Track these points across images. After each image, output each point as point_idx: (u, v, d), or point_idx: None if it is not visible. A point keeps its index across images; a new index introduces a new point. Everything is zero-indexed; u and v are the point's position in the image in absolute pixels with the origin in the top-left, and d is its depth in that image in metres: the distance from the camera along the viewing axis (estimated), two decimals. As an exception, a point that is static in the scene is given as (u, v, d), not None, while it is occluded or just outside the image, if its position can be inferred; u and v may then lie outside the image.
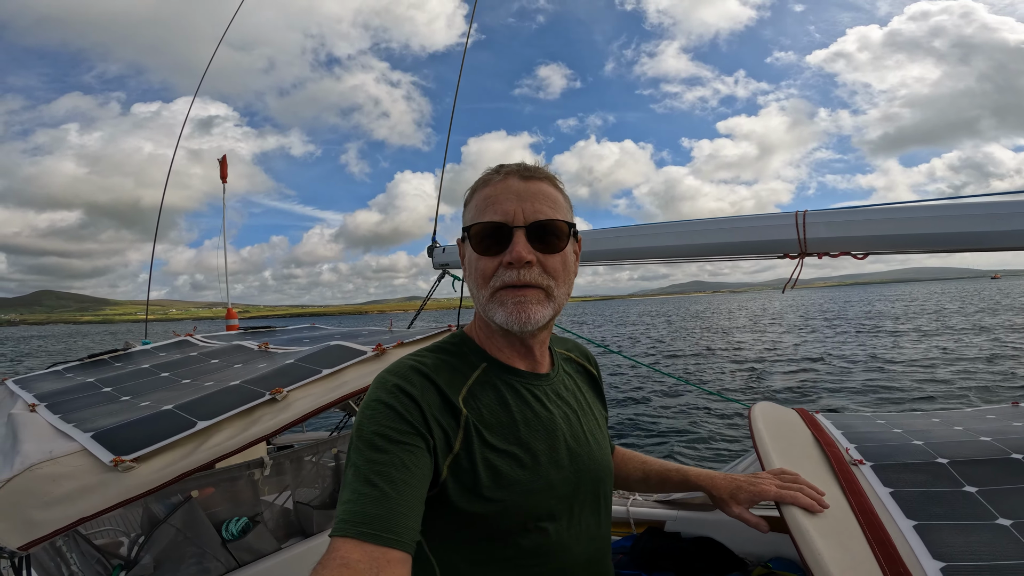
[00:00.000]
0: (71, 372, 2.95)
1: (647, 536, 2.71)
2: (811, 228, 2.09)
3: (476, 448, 0.88)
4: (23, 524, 1.40)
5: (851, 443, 1.56)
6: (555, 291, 0.95)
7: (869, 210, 1.98)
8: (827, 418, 1.84)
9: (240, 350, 2.85)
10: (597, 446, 1.04)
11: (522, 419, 0.94)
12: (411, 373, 0.90)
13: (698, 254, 2.59)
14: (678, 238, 2.60)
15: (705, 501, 2.85)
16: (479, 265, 0.94)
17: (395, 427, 0.82)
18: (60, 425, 1.93)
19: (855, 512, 1.12)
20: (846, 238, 2.01)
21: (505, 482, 0.88)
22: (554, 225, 0.93)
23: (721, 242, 2.45)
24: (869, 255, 1.98)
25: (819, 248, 2.11)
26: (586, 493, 0.99)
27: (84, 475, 1.56)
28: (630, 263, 2.98)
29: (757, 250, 2.36)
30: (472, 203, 0.99)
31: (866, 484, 1.26)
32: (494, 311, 0.93)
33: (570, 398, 1.05)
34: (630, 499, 2.94)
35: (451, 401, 0.90)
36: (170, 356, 3.00)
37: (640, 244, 2.73)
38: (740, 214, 2.51)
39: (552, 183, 0.99)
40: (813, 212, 2.12)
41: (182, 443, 1.69)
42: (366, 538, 0.70)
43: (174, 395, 2.15)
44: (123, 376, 2.64)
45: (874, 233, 1.93)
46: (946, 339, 21.95)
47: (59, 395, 2.38)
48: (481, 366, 0.98)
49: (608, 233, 2.86)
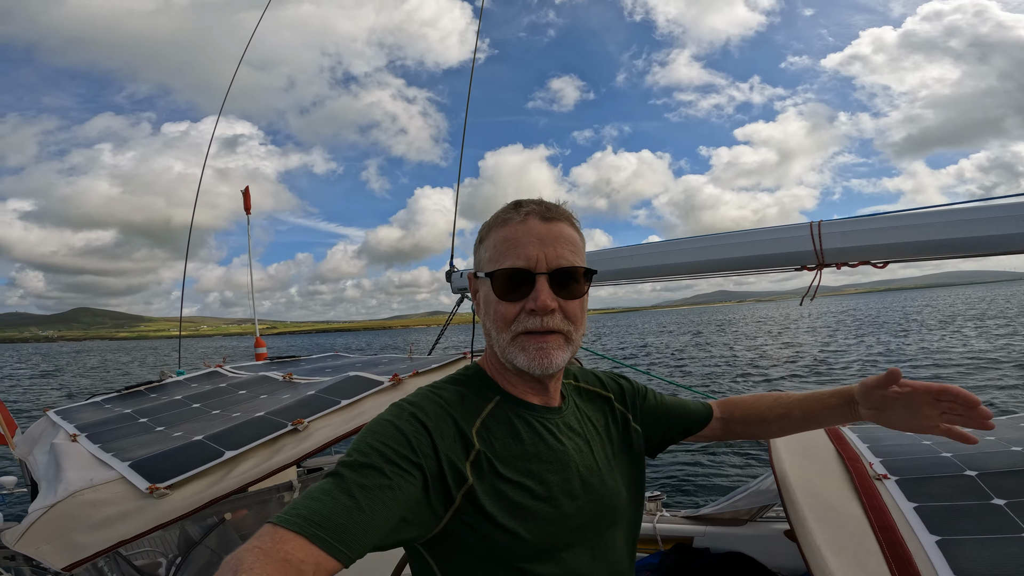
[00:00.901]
0: (109, 403, 3.06)
1: (674, 553, 2.67)
2: (827, 238, 2.07)
3: (488, 479, 0.88)
4: (67, 546, 1.49)
5: (876, 457, 1.53)
6: (574, 335, 0.96)
7: (886, 217, 1.96)
8: (853, 431, 1.80)
9: (266, 381, 2.93)
10: (610, 475, 1.04)
11: (534, 452, 0.94)
12: (428, 403, 0.92)
13: (714, 270, 2.58)
14: (693, 255, 2.59)
15: (736, 516, 2.83)
16: (499, 309, 0.94)
17: (396, 450, 0.83)
18: (99, 454, 2.02)
19: (874, 528, 1.10)
20: (864, 247, 1.98)
21: (520, 513, 0.88)
22: (576, 271, 0.94)
23: (737, 256, 2.44)
24: (889, 263, 1.95)
25: (837, 258, 2.08)
26: (604, 522, 0.99)
27: (122, 501, 1.65)
28: (647, 281, 2.98)
29: (774, 263, 2.34)
30: (489, 242, 0.98)
31: (889, 499, 1.24)
32: (515, 355, 0.94)
33: (582, 429, 1.06)
34: (656, 515, 2.90)
35: (465, 433, 0.90)
36: (201, 387, 3.10)
37: (655, 262, 2.73)
38: (756, 227, 2.50)
39: (571, 223, 1.00)
40: (829, 222, 2.10)
41: (212, 471, 1.76)
42: (318, 542, 0.69)
43: (204, 426, 2.23)
44: (158, 407, 2.74)
45: (893, 241, 1.90)
46: (982, 343, 21.20)
47: (98, 426, 2.48)
48: (495, 399, 0.99)
49: (623, 252, 2.87)
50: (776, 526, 2.64)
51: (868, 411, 1.08)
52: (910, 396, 1.01)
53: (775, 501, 2.63)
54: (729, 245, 2.44)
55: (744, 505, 2.69)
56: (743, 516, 2.74)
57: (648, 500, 3.16)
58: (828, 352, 22.86)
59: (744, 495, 2.72)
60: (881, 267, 2.04)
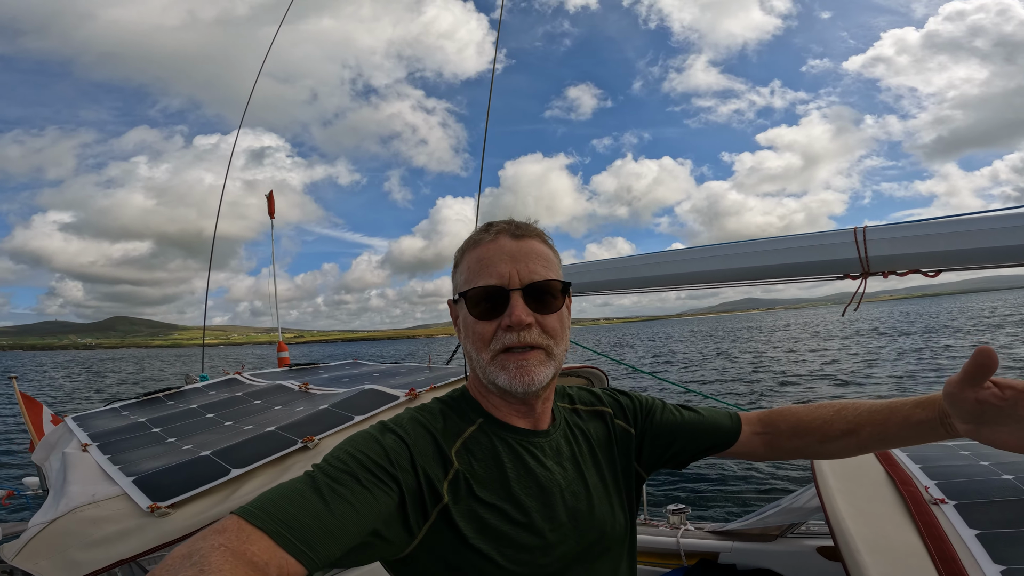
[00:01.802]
0: (127, 410, 3.06)
1: (699, 569, 2.54)
2: (873, 245, 1.93)
3: (464, 500, 0.86)
4: (65, 563, 1.45)
5: (931, 480, 1.41)
6: (554, 349, 0.94)
7: (937, 223, 1.81)
8: (903, 450, 1.67)
9: (282, 390, 2.89)
10: (601, 500, 0.99)
11: (515, 475, 0.92)
12: (409, 423, 0.91)
13: (747, 278, 2.44)
14: (726, 262, 2.45)
15: (765, 531, 2.68)
16: (476, 329, 0.93)
17: (374, 460, 0.81)
18: (107, 467, 1.99)
19: (933, 559, 0.99)
20: (914, 255, 1.84)
21: (495, 536, 0.86)
22: (549, 285, 0.93)
23: (773, 264, 2.30)
24: (942, 272, 1.80)
25: (883, 266, 1.93)
26: (595, 551, 0.95)
27: (123, 519, 1.60)
28: (674, 290, 2.84)
29: (813, 272, 2.19)
30: (463, 264, 0.98)
31: (948, 526, 1.14)
32: (495, 375, 0.92)
33: (572, 452, 1.02)
34: (680, 529, 2.77)
35: (444, 452, 0.89)
36: (218, 395, 3.07)
37: (683, 270, 2.60)
38: (791, 233, 2.34)
39: (542, 240, 0.99)
40: (875, 228, 1.95)
41: (216, 491, 1.70)
42: (282, 542, 0.66)
43: (214, 439, 2.18)
44: (172, 416, 2.72)
45: (946, 248, 1.75)
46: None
47: (111, 435, 2.46)
48: (477, 422, 0.97)
49: (650, 259, 2.74)
50: (808, 542, 2.50)
51: (965, 425, 0.82)
52: (1017, 401, 0.76)
53: (809, 519, 2.47)
54: (765, 252, 2.30)
55: (775, 522, 2.55)
56: (772, 532, 2.59)
57: (672, 513, 3.08)
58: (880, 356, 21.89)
59: (776, 511, 2.57)
60: (933, 276, 1.88)
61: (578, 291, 2.98)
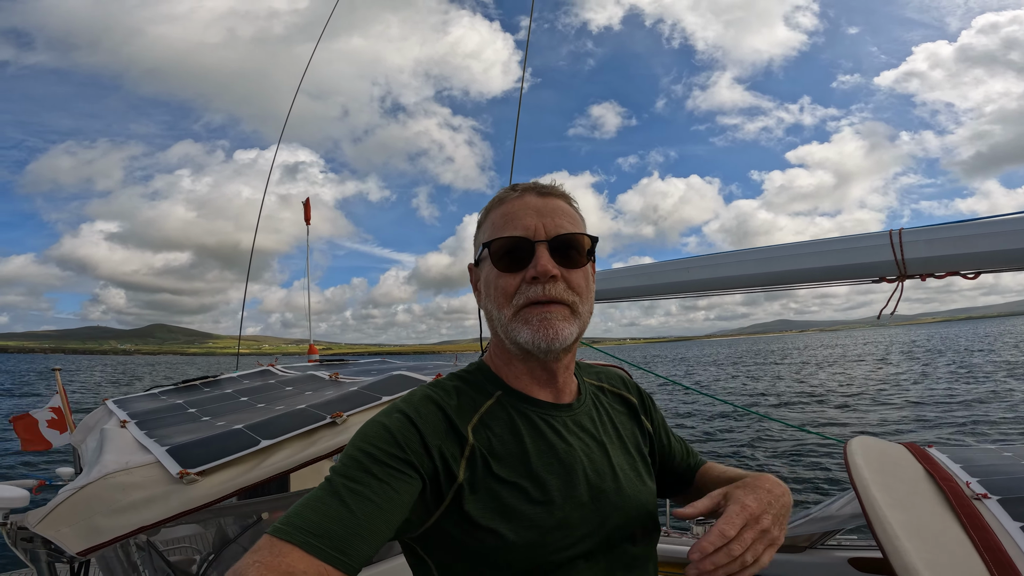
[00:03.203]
0: (165, 395, 3.16)
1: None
2: (910, 247, 1.89)
3: (481, 478, 0.84)
4: (87, 530, 1.46)
5: (972, 476, 1.37)
6: (580, 307, 0.91)
7: (977, 223, 1.77)
8: (942, 452, 1.62)
9: (313, 379, 2.95)
10: (629, 482, 0.94)
11: (535, 451, 0.88)
12: (420, 401, 0.88)
13: (782, 282, 2.41)
14: (758, 266, 2.42)
15: (794, 542, 2.57)
16: (500, 283, 0.91)
17: (386, 450, 0.79)
18: (143, 439, 2.04)
19: (979, 551, 0.95)
20: (953, 256, 1.79)
21: (511, 515, 0.82)
22: (576, 239, 0.92)
23: (806, 268, 2.27)
24: (981, 274, 1.75)
25: (921, 269, 1.89)
26: (617, 532, 0.90)
27: (152, 485, 1.63)
28: (706, 295, 2.81)
29: (848, 275, 2.15)
30: (488, 222, 0.97)
31: (992, 520, 1.10)
32: (518, 330, 0.89)
33: (596, 430, 0.97)
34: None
35: (458, 429, 0.86)
36: (252, 383, 3.15)
37: (717, 274, 2.58)
38: (827, 236, 2.31)
39: (568, 201, 0.98)
40: (911, 229, 1.92)
41: (245, 459, 1.74)
42: (314, 551, 0.67)
43: (247, 416, 2.23)
44: (208, 399, 2.79)
45: (986, 248, 1.71)
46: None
47: (149, 414, 2.54)
48: (496, 395, 0.93)
49: (680, 264, 2.73)
50: (840, 553, 2.40)
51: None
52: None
53: (843, 527, 2.37)
54: (799, 256, 2.27)
55: (805, 531, 2.45)
56: (802, 543, 2.49)
57: (696, 523, 2.94)
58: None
59: (806, 520, 2.48)
60: (973, 278, 1.83)
61: (613, 297, 2.98)
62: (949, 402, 15.13)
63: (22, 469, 10.87)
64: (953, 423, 12.25)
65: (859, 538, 2.52)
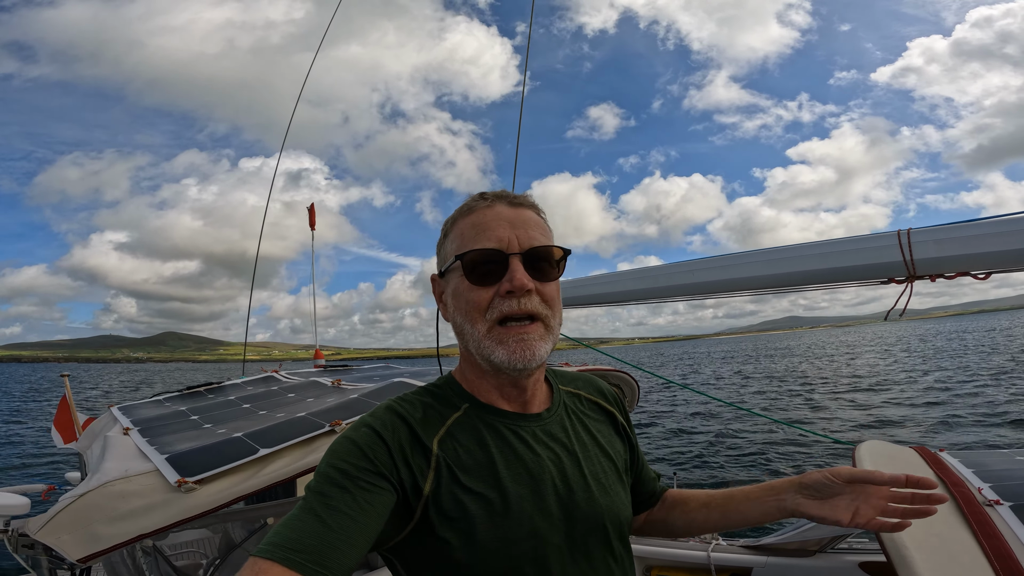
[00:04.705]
0: (170, 401, 3.17)
1: (729, 584, 2.42)
2: (918, 248, 1.85)
3: (447, 489, 0.83)
4: (87, 537, 1.46)
5: (984, 482, 1.34)
6: (552, 321, 0.90)
7: (988, 223, 1.72)
8: (954, 456, 1.58)
9: (315, 386, 2.95)
10: (601, 491, 0.93)
11: (501, 461, 0.87)
12: (385, 414, 0.87)
13: (787, 284, 2.37)
14: (763, 268, 2.38)
15: (803, 546, 2.52)
16: (471, 296, 0.88)
17: (355, 463, 0.79)
18: (144, 447, 2.04)
19: (990, 559, 0.93)
20: (963, 256, 1.75)
21: (478, 526, 0.81)
22: (549, 252, 0.90)
23: (813, 269, 2.22)
24: (993, 274, 1.70)
25: (931, 269, 1.85)
26: (588, 542, 0.88)
27: (151, 493, 1.63)
28: (711, 298, 2.78)
29: (856, 276, 2.11)
30: (455, 232, 0.94)
31: (1004, 527, 1.08)
32: (492, 350, 0.86)
33: (568, 439, 0.95)
34: (712, 544, 2.65)
35: (423, 442, 0.85)
36: (255, 389, 3.16)
37: (721, 276, 2.54)
38: (835, 237, 2.27)
39: (537, 211, 0.96)
40: (919, 230, 1.87)
41: (243, 468, 1.74)
42: (294, 566, 0.68)
43: (248, 424, 2.23)
44: (211, 406, 2.80)
45: (997, 248, 1.66)
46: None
47: (152, 421, 2.55)
48: (463, 407, 0.92)
49: (683, 267, 2.69)
50: (850, 557, 2.36)
51: (811, 501, 0.95)
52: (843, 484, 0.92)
53: (853, 531, 2.33)
54: (806, 257, 2.22)
55: (814, 535, 2.41)
56: (811, 547, 2.45)
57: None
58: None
59: (816, 524, 2.43)
60: (983, 278, 1.78)
61: (618, 300, 2.95)
62: (960, 402, 14.93)
63: (33, 473, 10.99)
64: (965, 425, 12.08)
65: (870, 542, 2.47)
